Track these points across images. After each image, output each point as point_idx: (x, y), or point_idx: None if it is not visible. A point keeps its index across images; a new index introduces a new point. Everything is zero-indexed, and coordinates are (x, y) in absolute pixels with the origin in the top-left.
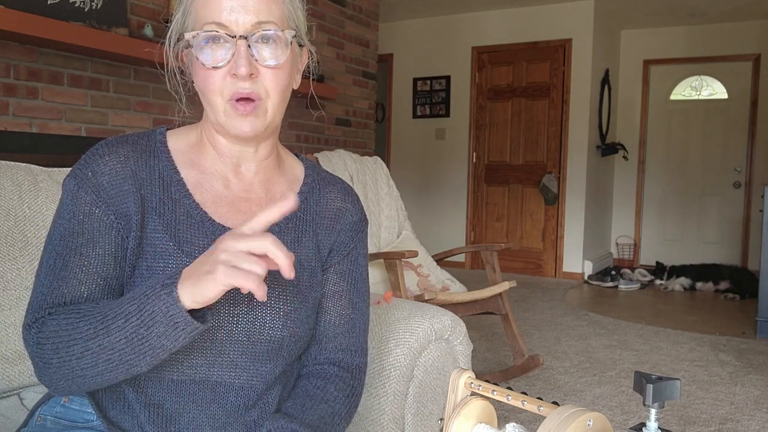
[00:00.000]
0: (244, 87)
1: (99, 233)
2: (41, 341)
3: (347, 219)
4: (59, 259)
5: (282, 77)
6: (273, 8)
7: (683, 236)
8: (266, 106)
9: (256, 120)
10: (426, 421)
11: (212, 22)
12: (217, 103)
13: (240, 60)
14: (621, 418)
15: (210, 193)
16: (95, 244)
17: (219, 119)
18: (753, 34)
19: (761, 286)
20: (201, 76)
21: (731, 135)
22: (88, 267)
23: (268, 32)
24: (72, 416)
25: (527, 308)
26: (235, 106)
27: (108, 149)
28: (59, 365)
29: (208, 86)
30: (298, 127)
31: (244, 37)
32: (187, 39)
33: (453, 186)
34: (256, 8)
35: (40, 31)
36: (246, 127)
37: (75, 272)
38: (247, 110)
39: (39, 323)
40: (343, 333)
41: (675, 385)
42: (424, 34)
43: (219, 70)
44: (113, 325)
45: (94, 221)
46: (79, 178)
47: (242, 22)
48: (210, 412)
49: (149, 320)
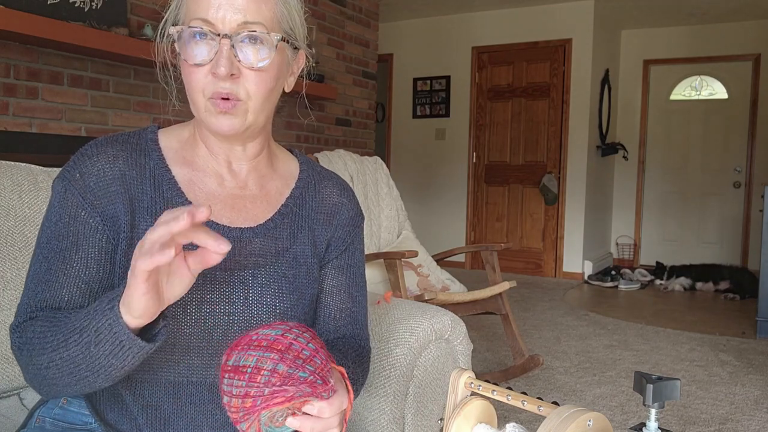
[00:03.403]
0: (224, 87)
1: (83, 236)
2: (21, 346)
3: (344, 214)
4: (44, 263)
5: (266, 80)
6: (263, 9)
7: (683, 236)
8: (246, 107)
9: (235, 119)
10: (426, 421)
11: (199, 18)
12: (199, 100)
13: (221, 60)
14: (621, 418)
15: (203, 191)
16: (78, 247)
17: (200, 115)
18: (753, 34)
19: (761, 286)
20: (185, 71)
21: (731, 135)
22: (69, 270)
23: (253, 33)
24: (71, 418)
25: (527, 308)
26: (215, 104)
27: (96, 149)
28: (35, 372)
29: (191, 83)
30: (298, 127)
31: (228, 37)
32: (171, 33)
33: (453, 186)
34: (245, 7)
35: (40, 31)
36: (224, 125)
37: (57, 276)
38: (226, 108)
39: (21, 328)
40: (344, 326)
41: (675, 385)
42: (424, 34)
43: (201, 67)
44: (71, 339)
45: (79, 224)
46: (66, 179)
47: (228, 21)
48: (208, 413)
49: (96, 338)
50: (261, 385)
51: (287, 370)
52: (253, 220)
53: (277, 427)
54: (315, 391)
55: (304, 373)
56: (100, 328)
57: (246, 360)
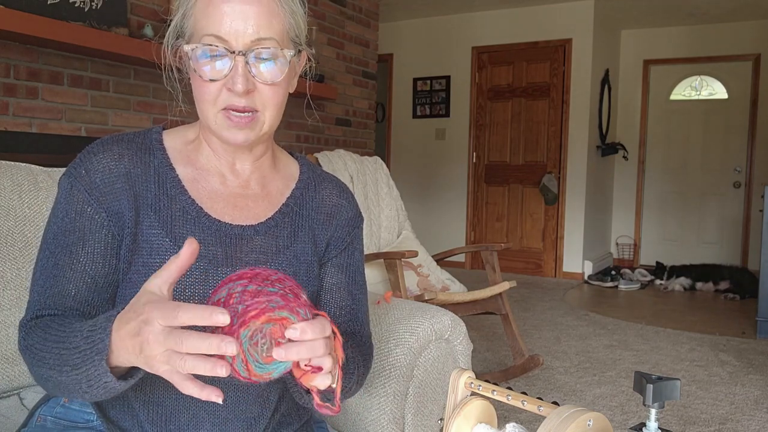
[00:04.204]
0: (240, 102)
1: (89, 231)
2: (25, 349)
3: (343, 215)
4: (51, 258)
5: (279, 92)
6: (273, 23)
7: (683, 236)
8: (263, 118)
9: (251, 132)
10: (426, 421)
11: (211, 34)
12: (210, 111)
13: (237, 77)
14: (621, 418)
15: (206, 190)
16: (85, 242)
17: (210, 126)
18: (753, 34)
19: (761, 286)
20: (197, 84)
21: (731, 135)
22: (76, 265)
23: (267, 50)
24: (72, 416)
25: (527, 308)
26: (228, 116)
27: (102, 147)
28: (38, 376)
29: (203, 95)
30: (298, 127)
31: (243, 54)
32: (186, 51)
33: (453, 186)
34: (257, 22)
35: (40, 31)
36: (240, 138)
37: (64, 270)
38: (243, 122)
39: (27, 327)
40: (345, 322)
41: (675, 385)
42: (424, 34)
43: (216, 83)
44: (64, 368)
45: (85, 219)
46: (73, 176)
47: (242, 36)
48: (209, 409)
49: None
50: (234, 305)
51: (256, 288)
52: (254, 218)
53: (266, 363)
54: (288, 304)
55: (273, 288)
56: (91, 375)
57: (218, 294)
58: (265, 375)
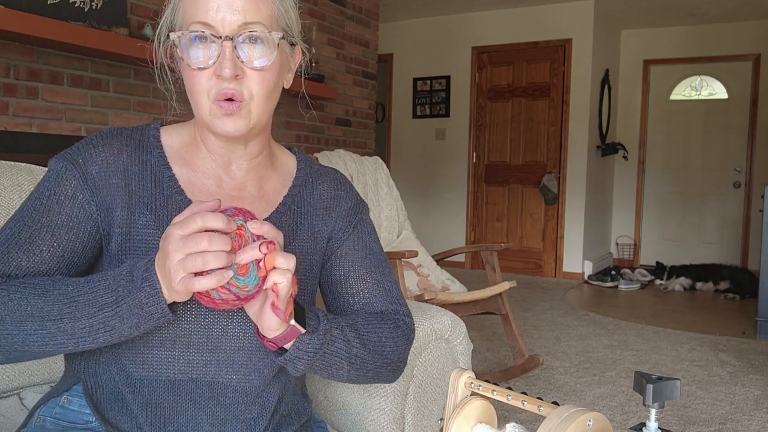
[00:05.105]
0: (229, 87)
1: (77, 219)
2: None
3: (342, 206)
4: (26, 230)
5: (268, 79)
6: (261, 8)
7: (683, 236)
8: (250, 107)
9: (239, 120)
10: (426, 421)
11: (198, 22)
12: (203, 103)
13: (225, 62)
14: (621, 418)
15: (202, 191)
16: (70, 228)
17: (204, 118)
18: (753, 34)
19: (761, 286)
20: (187, 75)
21: (731, 135)
22: (56, 249)
23: (254, 33)
24: (71, 417)
25: (527, 308)
26: (220, 106)
27: (102, 141)
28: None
29: (195, 86)
30: (298, 127)
31: (230, 38)
32: (172, 39)
33: (453, 186)
34: (243, 8)
35: (40, 31)
36: (229, 126)
37: (41, 249)
38: (231, 109)
39: None
40: (364, 306)
41: (675, 385)
42: (424, 34)
43: (205, 70)
44: (81, 312)
45: (75, 206)
46: (68, 161)
47: (228, 22)
48: (208, 411)
49: (126, 312)
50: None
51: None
52: None
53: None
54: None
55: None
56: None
57: None
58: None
